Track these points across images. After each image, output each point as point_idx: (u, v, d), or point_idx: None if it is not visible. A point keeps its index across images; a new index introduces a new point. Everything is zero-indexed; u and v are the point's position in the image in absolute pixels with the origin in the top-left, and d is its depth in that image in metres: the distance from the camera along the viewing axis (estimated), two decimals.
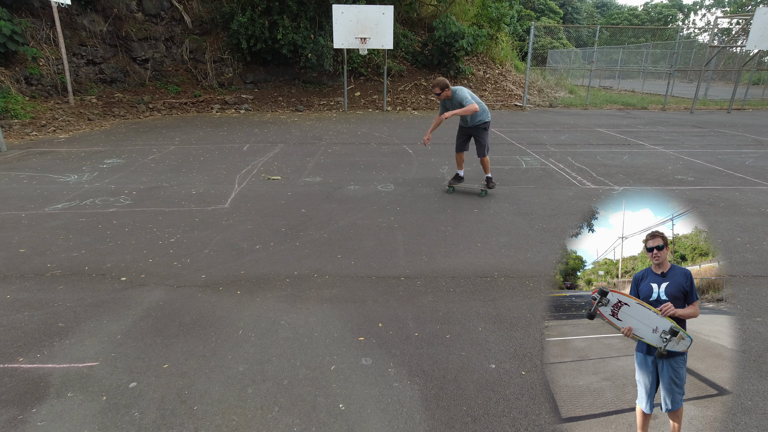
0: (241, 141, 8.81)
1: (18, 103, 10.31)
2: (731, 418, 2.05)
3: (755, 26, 12.58)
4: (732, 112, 14.65)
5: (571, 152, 7.95)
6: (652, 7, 47.02)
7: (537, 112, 13.94)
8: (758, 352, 2.53)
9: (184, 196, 5.37)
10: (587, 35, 45.52)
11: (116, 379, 2.31)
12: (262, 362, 2.44)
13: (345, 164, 7.00)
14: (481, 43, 15.15)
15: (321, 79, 15.17)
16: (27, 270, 3.51)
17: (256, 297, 3.13)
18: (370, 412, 2.10)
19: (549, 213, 4.85)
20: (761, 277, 3.43)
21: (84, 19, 12.76)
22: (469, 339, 2.66)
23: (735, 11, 32.90)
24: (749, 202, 5.23)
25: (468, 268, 3.57)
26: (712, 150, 8.25)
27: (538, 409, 2.12)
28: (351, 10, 11.87)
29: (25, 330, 2.73)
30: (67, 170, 6.54)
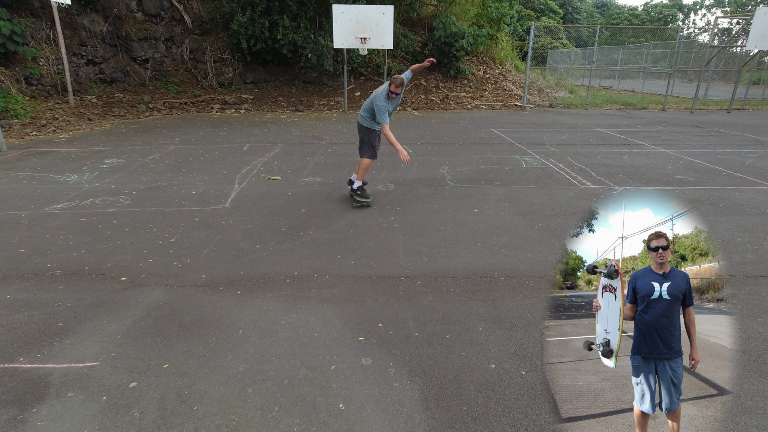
0: (241, 141, 8.81)
1: (18, 103, 10.31)
2: (731, 418, 2.05)
3: (755, 26, 12.58)
4: (732, 112, 14.65)
5: (571, 152, 7.95)
6: (652, 7, 47.02)
7: (537, 112, 13.94)
8: (758, 352, 2.53)
9: (184, 196, 5.37)
10: (587, 35, 45.52)
11: (116, 379, 2.31)
12: (262, 362, 2.44)
13: (345, 164, 7.00)
14: (481, 43, 15.15)
15: (321, 79, 15.17)
16: (27, 270, 3.51)
17: (256, 297, 3.13)
18: (370, 412, 2.10)
19: (549, 213, 4.85)
20: (761, 277, 3.43)
21: (84, 19, 12.76)
22: (469, 339, 2.66)
23: (735, 11, 32.90)
24: (749, 202, 5.23)
25: (468, 268, 3.57)
26: (712, 150, 8.25)
27: (538, 409, 2.12)
28: (351, 10, 11.87)
29: (25, 330, 2.73)
30: (67, 170, 6.54)
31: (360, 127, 5.02)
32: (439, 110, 13.89)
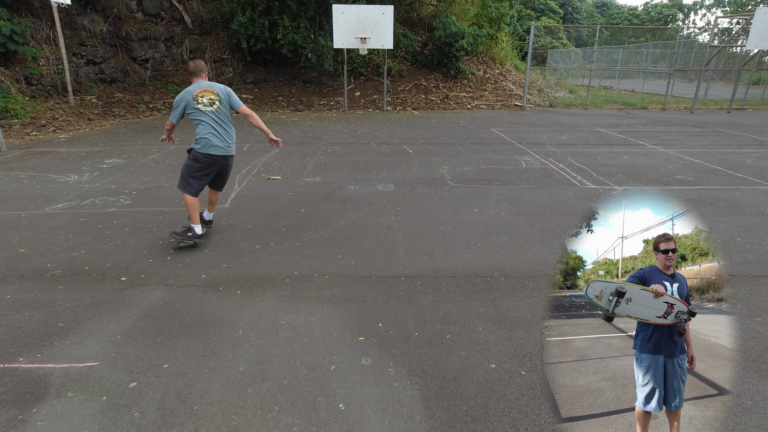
0: (241, 141, 8.80)
1: (18, 103, 10.31)
2: (731, 418, 2.05)
3: (755, 26, 12.58)
4: (732, 112, 14.64)
5: (571, 152, 7.95)
6: (652, 6, 47.03)
7: (537, 112, 13.94)
8: (758, 352, 2.53)
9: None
10: (587, 35, 45.49)
11: (116, 379, 2.31)
12: (262, 362, 2.44)
13: (345, 164, 7.00)
14: (481, 43, 15.15)
15: (321, 79, 15.16)
16: (27, 270, 3.51)
17: (256, 297, 3.13)
18: (370, 412, 2.10)
19: (549, 213, 4.85)
20: (761, 277, 3.43)
21: (84, 19, 12.75)
22: (469, 339, 2.66)
23: (735, 11, 32.90)
24: (749, 202, 5.23)
25: (468, 268, 3.57)
26: (712, 150, 8.25)
27: (538, 409, 2.12)
28: (351, 10, 11.87)
29: (25, 330, 2.73)
30: (67, 170, 6.54)
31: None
32: (439, 110, 13.89)
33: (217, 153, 3.86)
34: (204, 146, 3.81)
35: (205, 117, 3.81)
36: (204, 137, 3.80)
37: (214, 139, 3.83)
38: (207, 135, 3.81)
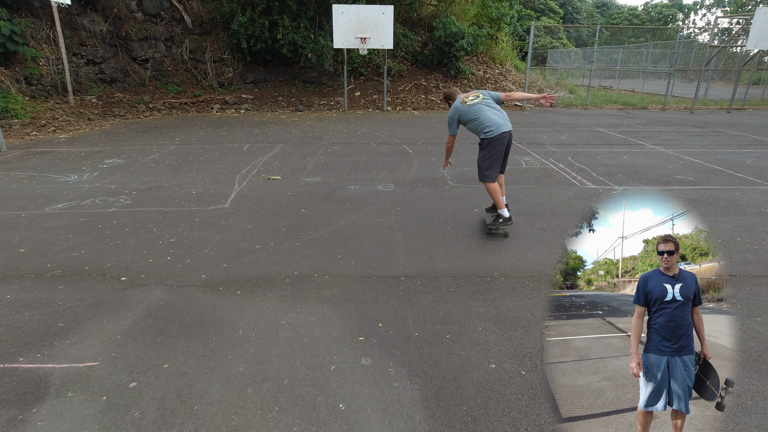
0: (241, 141, 8.80)
1: (18, 103, 10.31)
2: (731, 418, 2.05)
3: (755, 26, 12.58)
4: (732, 112, 14.64)
5: (571, 152, 7.95)
6: (652, 7, 47.02)
7: (537, 112, 13.94)
8: (758, 352, 2.53)
9: (184, 196, 5.37)
10: (587, 35, 45.50)
11: (116, 379, 2.31)
12: (262, 362, 2.44)
13: (345, 164, 7.00)
14: (481, 43, 15.14)
15: (321, 79, 15.16)
16: (27, 270, 3.51)
17: (256, 297, 3.13)
18: (370, 412, 2.10)
19: (549, 213, 4.85)
20: (761, 277, 3.43)
21: (84, 19, 12.75)
22: (469, 339, 2.66)
23: (735, 11, 32.90)
24: (749, 202, 5.23)
25: (468, 268, 3.57)
26: (712, 150, 8.25)
27: (538, 409, 2.12)
28: (351, 10, 11.87)
29: (25, 330, 2.73)
30: (67, 170, 6.54)
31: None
32: (439, 110, 13.88)
33: (506, 129, 4.05)
34: (495, 129, 4.02)
35: (478, 108, 4.09)
36: (489, 123, 4.03)
37: (498, 119, 4.06)
38: (490, 119, 4.04)
